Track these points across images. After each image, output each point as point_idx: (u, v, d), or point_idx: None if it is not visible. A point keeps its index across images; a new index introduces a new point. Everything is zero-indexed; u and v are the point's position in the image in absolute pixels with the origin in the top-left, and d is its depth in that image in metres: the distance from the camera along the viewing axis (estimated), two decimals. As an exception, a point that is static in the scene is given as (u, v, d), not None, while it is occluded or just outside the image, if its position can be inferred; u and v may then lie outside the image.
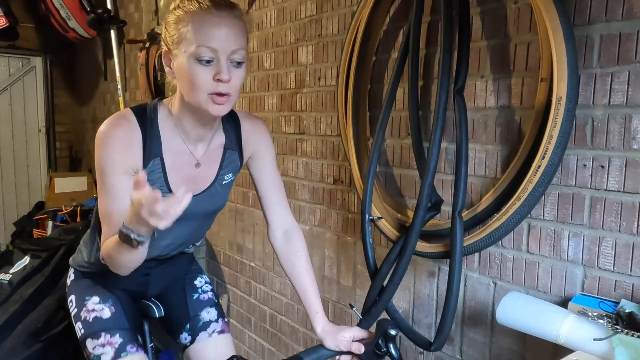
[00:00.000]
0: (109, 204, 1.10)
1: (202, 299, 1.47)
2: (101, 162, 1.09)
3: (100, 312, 1.30)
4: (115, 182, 1.09)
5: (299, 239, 1.32)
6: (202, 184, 1.24)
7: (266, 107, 2.27)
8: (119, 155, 1.09)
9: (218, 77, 1.03)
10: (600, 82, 1.10)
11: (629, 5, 1.04)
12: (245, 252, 2.47)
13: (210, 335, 1.41)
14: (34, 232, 3.66)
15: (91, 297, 1.32)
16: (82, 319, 1.30)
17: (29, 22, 4.53)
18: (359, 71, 1.60)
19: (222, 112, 1.09)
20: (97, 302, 1.31)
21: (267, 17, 2.21)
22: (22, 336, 2.23)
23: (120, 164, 1.09)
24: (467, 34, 1.30)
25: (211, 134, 1.22)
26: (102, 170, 1.09)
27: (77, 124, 5.01)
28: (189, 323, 1.42)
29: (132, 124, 1.12)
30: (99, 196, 1.12)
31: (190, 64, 1.04)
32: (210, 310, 1.45)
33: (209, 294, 1.48)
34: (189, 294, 1.46)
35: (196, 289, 1.48)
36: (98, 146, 1.10)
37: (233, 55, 1.05)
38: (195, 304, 1.45)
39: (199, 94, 1.05)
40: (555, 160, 1.10)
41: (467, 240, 1.26)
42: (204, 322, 1.42)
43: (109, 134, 1.10)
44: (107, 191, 1.09)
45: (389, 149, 1.63)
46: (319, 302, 1.26)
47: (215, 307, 1.46)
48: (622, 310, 0.98)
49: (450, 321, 1.25)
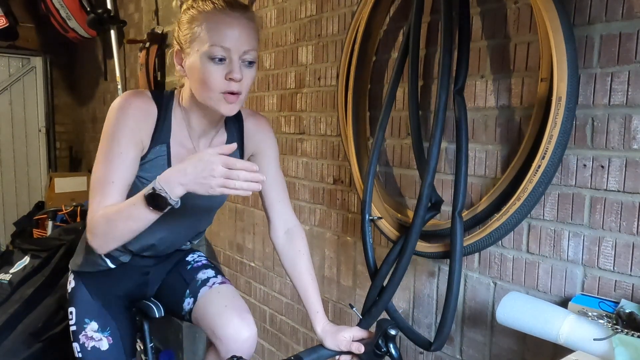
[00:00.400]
0: (111, 172, 1.06)
1: (196, 266, 1.45)
2: (113, 128, 1.07)
3: (99, 343, 1.31)
4: (124, 150, 1.07)
5: (301, 238, 1.32)
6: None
7: (266, 107, 2.27)
8: (136, 124, 1.09)
9: (230, 76, 1.05)
10: (600, 82, 1.10)
11: (629, 5, 1.04)
12: (245, 252, 2.47)
13: (212, 287, 1.38)
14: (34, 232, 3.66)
15: (90, 323, 1.32)
16: (81, 343, 1.31)
17: (29, 22, 4.53)
18: (359, 71, 1.60)
19: (233, 112, 1.10)
20: (95, 329, 1.31)
21: (267, 17, 2.21)
22: (22, 336, 2.23)
23: (134, 133, 1.08)
24: (467, 34, 1.30)
25: (214, 132, 1.22)
26: (113, 137, 1.07)
27: (77, 124, 5.01)
28: (188, 288, 1.40)
29: (151, 102, 1.13)
30: (99, 164, 1.08)
31: (203, 62, 1.05)
32: (206, 271, 1.43)
33: (202, 261, 1.47)
34: (183, 268, 1.45)
35: (189, 263, 1.47)
36: (114, 112, 1.08)
37: (245, 55, 1.07)
38: (189, 272, 1.44)
39: (211, 92, 1.06)
40: (555, 160, 1.10)
41: (467, 240, 1.26)
42: (202, 280, 1.40)
43: (130, 102, 1.10)
44: (112, 159, 1.06)
45: (389, 149, 1.63)
46: (319, 302, 1.26)
47: (211, 268, 1.45)
48: (622, 310, 0.98)
49: (450, 321, 1.25)
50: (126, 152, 1.07)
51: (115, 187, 1.05)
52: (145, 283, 1.41)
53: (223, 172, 0.92)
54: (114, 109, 1.09)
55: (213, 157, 0.93)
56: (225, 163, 0.93)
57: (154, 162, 1.14)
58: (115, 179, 1.06)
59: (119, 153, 1.07)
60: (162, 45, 3.17)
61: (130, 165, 1.08)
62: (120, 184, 1.06)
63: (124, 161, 1.07)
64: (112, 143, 1.07)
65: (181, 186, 0.95)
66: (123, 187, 1.07)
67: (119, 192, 1.06)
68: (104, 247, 1.08)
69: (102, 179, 1.06)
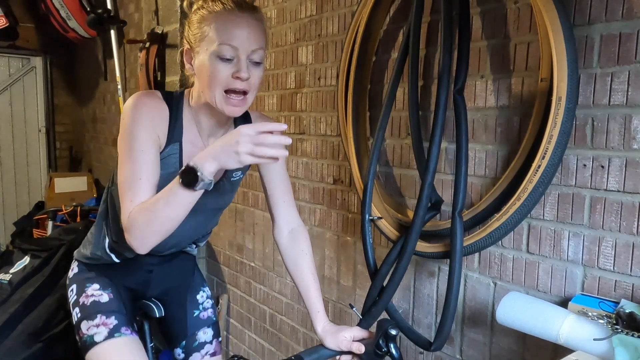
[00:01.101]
0: (137, 169, 1.07)
1: (202, 317, 1.48)
2: (131, 127, 1.08)
3: (99, 297, 1.30)
4: (145, 148, 1.08)
5: (305, 239, 1.33)
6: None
7: (266, 107, 2.27)
8: (151, 122, 1.10)
9: (237, 74, 1.06)
10: (600, 82, 1.10)
11: (629, 5, 1.04)
12: (245, 252, 2.47)
13: (203, 357, 1.45)
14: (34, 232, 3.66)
15: (92, 284, 1.33)
16: (80, 304, 1.30)
17: (29, 22, 4.53)
18: (359, 71, 1.60)
19: (236, 113, 1.11)
20: (97, 288, 1.32)
21: (267, 17, 2.21)
22: (22, 336, 2.23)
23: (151, 130, 1.10)
24: (467, 34, 1.30)
25: (223, 131, 1.23)
26: (132, 135, 1.08)
27: (77, 124, 5.01)
28: (185, 341, 1.45)
29: (162, 101, 1.15)
30: (123, 166, 1.08)
31: (212, 61, 1.07)
32: (207, 331, 1.47)
33: (208, 312, 1.50)
34: (190, 310, 1.47)
35: (197, 305, 1.49)
36: (128, 112, 1.09)
37: (253, 55, 1.08)
38: (194, 321, 1.47)
39: (216, 90, 1.08)
40: (555, 160, 1.10)
41: (467, 240, 1.26)
42: (199, 343, 1.45)
43: (143, 101, 1.11)
44: (136, 157, 1.07)
45: (389, 149, 1.63)
46: (320, 302, 1.26)
47: (212, 326, 1.49)
48: (622, 310, 0.98)
49: (450, 321, 1.25)
50: (148, 149, 1.08)
51: (143, 183, 1.06)
52: (147, 281, 1.41)
53: (249, 138, 0.92)
54: (128, 108, 1.10)
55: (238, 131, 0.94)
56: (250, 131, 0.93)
57: (167, 160, 1.16)
58: (142, 176, 1.06)
59: (140, 151, 1.07)
60: (162, 45, 3.16)
61: (154, 161, 1.09)
62: (148, 180, 1.07)
63: (146, 158, 1.08)
64: (132, 142, 1.08)
65: (211, 160, 0.96)
66: (151, 183, 1.07)
67: (149, 187, 1.06)
68: (145, 244, 1.06)
69: (129, 178, 1.07)
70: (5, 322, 2.26)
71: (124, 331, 1.25)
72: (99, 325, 1.24)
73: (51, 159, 4.98)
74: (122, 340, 1.23)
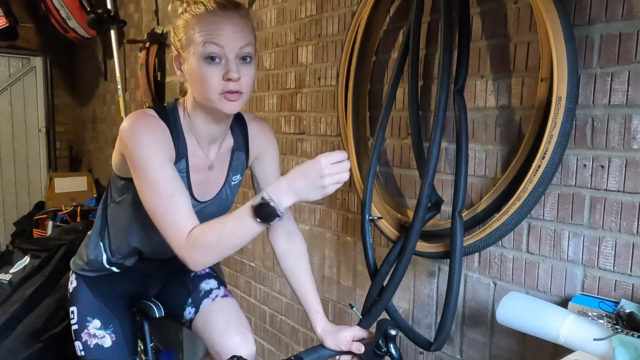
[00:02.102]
0: (165, 192, 1.02)
1: (200, 273, 1.47)
2: (139, 152, 1.03)
3: (102, 340, 1.31)
4: (161, 167, 1.03)
5: (300, 240, 1.33)
6: (215, 186, 1.25)
7: (266, 107, 2.27)
8: (157, 141, 1.06)
9: (227, 76, 1.04)
10: (600, 82, 1.10)
11: (629, 5, 1.04)
12: (245, 252, 2.47)
13: (214, 299, 1.41)
14: (34, 232, 3.67)
15: (92, 320, 1.33)
16: (83, 340, 1.32)
17: (29, 22, 4.54)
18: (359, 71, 1.60)
19: (235, 110, 1.09)
20: (98, 327, 1.32)
21: (267, 17, 2.21)
22: (22, 336, 2.23)
23: (160, 149, 1.05)
24: (467, 34, 1.30)
25: (222, 136, 1.22)
26: (144, 159, 1.03)
27: (77, 124, 5.01)
28: (190, 297, 1.42)
29: (160, 121, 1.11)
30: (147, 191, 1.04)
31: (200, 64, 1.05)
32: (210, 281, 1.45)
33: (206, 270, 1.48)
34: (186, 275, 1.47)
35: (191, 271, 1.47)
36: (130, 138, 1.04)
37: (241, 52, 1.06)
38: (193, 279, 1.46)
39: (211, 94, 1.06)
40: (555, 160, 1.10)
41: (467, 240, 1.26)
42: (205, 291, 1.43)
43: (139, 125, 1.06)
44: (157, 178, 1.03)
45: (389, 149, 1.63)
46: (319, 302, 1.26)
47: (214, 278, 1.47)
48: (622, 310, 0.98)
49: (450, 321, 1.25)
50: (164, 167, 1.04)
51: (177, 199, 1.02)
52: (146, 284, 1.42)
53: (330, 170, 0.92)
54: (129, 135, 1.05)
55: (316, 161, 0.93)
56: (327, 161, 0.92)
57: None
58: (173, 192, 1.02)
59: (158, 170, 1.03)
60: (162, 45, 3.17)
61: (175, 175, 1.05)
62: (179, 195, 1.03)
63: (167, 175, 1.03)
64: (148, 166, 1.03)
65: (291, 195, 0.94)
66: (185, 197, 1.04)
67: (184, 202, 1.03)
68: (202, 265, 1.04)
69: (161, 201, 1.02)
70: (5, 322, 2.26)
71: None
72: None
73: (51, 159, 4.98)
74: None
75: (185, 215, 1.02)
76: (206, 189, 1.22)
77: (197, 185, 1.19)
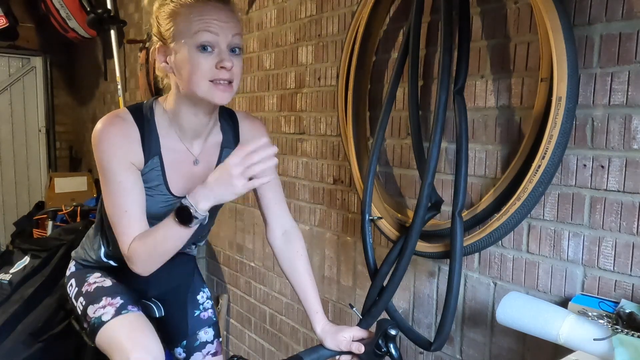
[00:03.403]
0: (120, 203, 1.09)
1: (202, 317, 1.47)
2: (102, 161, 1.09)
3: (102, 282, 1.30)
4: (122, 178, 1.09)
5: (299, 240, 1.33)
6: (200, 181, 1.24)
7: (266, 107, 2.27)
8: (119, 150, 1.09)
9: (221, 64, 1.05)
10: (600, 82, 1.10)
11: (629, 5, 1.04)
12: (245, 252, 2.47)
13: (205, 356, 1.44)
14: (34, 232, 3.66)
15: (93, 273, 1.33)
16: (84, 292, 1.29)
17: (29, 22, 4.53)
18: (359, 71, 1.60)
19: (225, 100, 1.09)
20: (98, 276, 1.32)
21: (267, 17, 2.21)
22: (22, 336, 2.23)
23: (122, 159, 1.09)
24: (467, 34, 1.30)
25: (207, 130, 1.22)
26: (105, 169, 1.09)
27: (77, 124, 5.01)
28: (186, 340, 1.44)
29: (128, 122, 1.13)
30: (107, 199, 1.11)
31: (192, 53, 1.05)
32: (208, 331, 1.47)
33: (209, 312, 1.49)
34: (190, 310, 1.47)
35: (197, 306, 1.48)
36: (96, 145, 1.10)
37: (232, 41, 1.07)
38: (195, 321, 1.46)
39: (201, 82, 1.06)
40: (555, 160, 1.10)
41: (467, 240, 1.26)
42: (200, 343, 1.44)
43: (105, 131, 1.10)
44: (116, 190, 1.09)
45: (389, 149, 1.63)
46: (318, 302, 1.26)
47: (213, 326, 1.48)
48: (622, 310, 0.98)
49: (450, 321, 1.25)
50: (125, 179, 1.09)
51: (130, 214, 1.08)
52: (146, 281, 1.41)
53: (239, 166, 0.95)
54: (95, 140, 1.10)
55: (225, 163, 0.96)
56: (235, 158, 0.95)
57: (149, 174, 1.16)
58: (127, 208, 1.09)
59: (118, 182, 1.09)
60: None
61: (134, 188, 1.10)
62: (133, 209, 1.09)
63: (125, 188, 1.09)
64: (107, 175, 1.09)
65: (206, 199, 0.99)
66: (137, 211, 1.09)
67: (136, 217, 1.09)
68: (148, 271, 1.12)
69: (116, 212, 1.09)
70: (5, 322, 2.27)
71: (131, 309, 1.25)
72: (105, 306, 1.24)
73: (51, 159, 4.98)
74: (130, 316, 1.22)
75: (135, 229, 1.08)
76: (190, 183, 1.21)
77: (177, 180, 1.19)
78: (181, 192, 1.21)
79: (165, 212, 1.20)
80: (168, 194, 1.19)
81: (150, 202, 1.17)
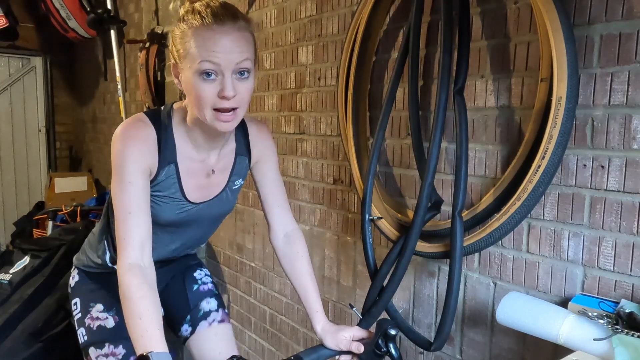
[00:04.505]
0: (126, 204, 1.09)
1: (202, 290, 1.47)
2: (117, 159, 1.10)
3: (104, 322, 1.30)
4: (133, 180, 1.09)
5: (300, 241, 1.34)
6: (214, 190, 1.26)
7: (266, 107, 2.27)
8: (139, 153, 1.10)
9: (222, 94, 1.03)
10: (600, 82, 1.10)
11: (629, 5, 1.04)
12: (245, 252, 2.47)
13: (210, 324, 1.42)
14: (34, 232, 3.66)
15: (95, 304, 1.33)
16: (86, 325, 1.31)
17: (29, 22, 4.53)
18: (359, 71, 1.60)
19: (229, 128, 1.09)
20: (101, 310, 1.32)
21: (267, 17, 2.21)
22: (22, 336, 2.23)
23: (137, 160, 1.10)
24: (467, 34, 1.30)
25: (222, 143, 1.23)
26: (119, 167, 1.09)
27: (77, 124, 5.01)
28: (189, 314, 1.43)
29: (149, 127, 1.14)
30: (115, 198, 1.11)
31: (195, 79, 1.04)
32: (210, 301, 1.45)
33: (208, 285, 1.48)
34: (189, 285, 1.47)
35: (196, 281, 1.48)
36: (116, 144, 1.10)
37: (237, 67, 1.04)
38: (195, 295, 1.45)
39: (205, 109, 1.06)
40: (555, 160, 1.10)
41: (467, 240, 1.26)
42: (204, 312, 1.43)
43: (129, 133, 1.11)
44: (124, 189, 1.09)
45: (389, 149, 1.63)
46: (319, 302, 1.26)
47: (215, 297, 1.47)
48: (622, 310, 0.98)
49: (450, 321, 1.25)
50: (135, 181, 1.09)
51: (134, 216, 1.08)
52: None
53: None
54: (117, 140, 1.11)
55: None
56: None
57: (165, 182, 1.16)
58: (131, 209, 1.08)
59: (128, 182, 1.09)
60: (162, 46, 3.17)
61: (141, 193, 1.10)
62: (136, 213, 1.08)
63: (133, 190, 1.09)
64: (120, 173, 1.09)
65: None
66: (140, 215, 1.09)
67: (138, 222, 1.08)
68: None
69: (120, 213, 1.09)
70: (5, 322, 2.26)
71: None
72: (108, 355, 1.26)
73: (51, 159, 4.98)
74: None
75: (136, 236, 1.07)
76: (205, 192, 1.24)
77: (193, 189, 1.21)
78: (197, 199, 1.23)
79: (181, 219, 1.23)
80: (184, 200, 1.20)
81: (166, 209, 1.18)
